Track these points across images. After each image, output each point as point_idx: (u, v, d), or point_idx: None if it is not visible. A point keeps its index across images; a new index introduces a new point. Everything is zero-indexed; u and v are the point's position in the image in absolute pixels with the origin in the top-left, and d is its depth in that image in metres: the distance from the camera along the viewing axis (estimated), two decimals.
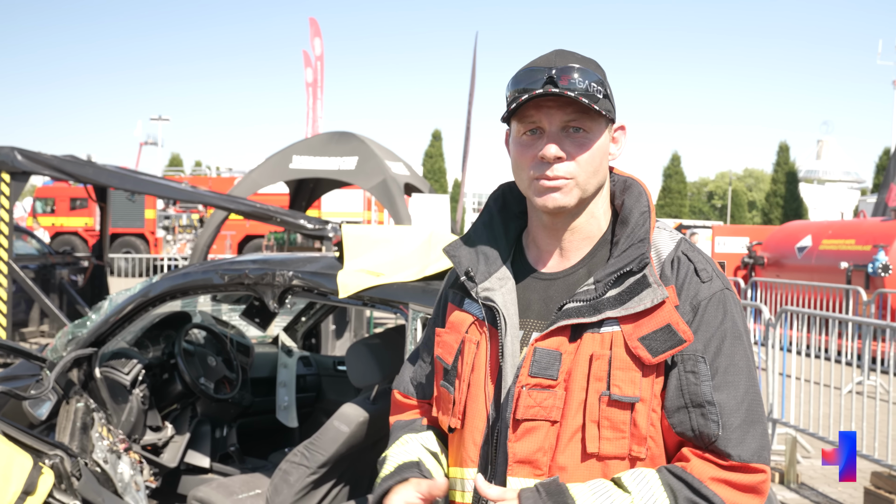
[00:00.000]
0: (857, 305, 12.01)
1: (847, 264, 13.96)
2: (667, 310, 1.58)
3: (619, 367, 1.57)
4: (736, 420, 1.55)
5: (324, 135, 14.64)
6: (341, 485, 3.76)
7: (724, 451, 1.54)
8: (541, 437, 1.61)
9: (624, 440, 1.57)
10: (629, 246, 1.64)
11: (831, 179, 75.48)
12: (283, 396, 4.92)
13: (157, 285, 3.88)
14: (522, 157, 1.68)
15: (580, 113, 1.63)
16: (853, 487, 6.51)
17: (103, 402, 4.03)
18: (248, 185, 13.68)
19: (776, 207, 50.29)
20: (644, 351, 1.56)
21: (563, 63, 1.63)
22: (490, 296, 1.71)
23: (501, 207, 1.87)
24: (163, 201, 29.96)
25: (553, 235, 1.74)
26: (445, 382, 1.79)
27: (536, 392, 1.61)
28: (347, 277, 3.35)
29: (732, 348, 1.59)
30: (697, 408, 1.56)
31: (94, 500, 3.22)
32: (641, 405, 1.57)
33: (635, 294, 1.59)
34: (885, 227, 14.15)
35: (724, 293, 1.64)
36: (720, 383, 1.57)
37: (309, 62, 24.52)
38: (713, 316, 1.60)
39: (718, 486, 1.53)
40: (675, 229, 1.78)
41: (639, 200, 1.72)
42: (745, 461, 1.54)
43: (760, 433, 1.57)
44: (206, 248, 13.63)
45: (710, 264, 1.67)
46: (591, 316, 1.59)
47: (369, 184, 13.39)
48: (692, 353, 1.58)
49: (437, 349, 1.83)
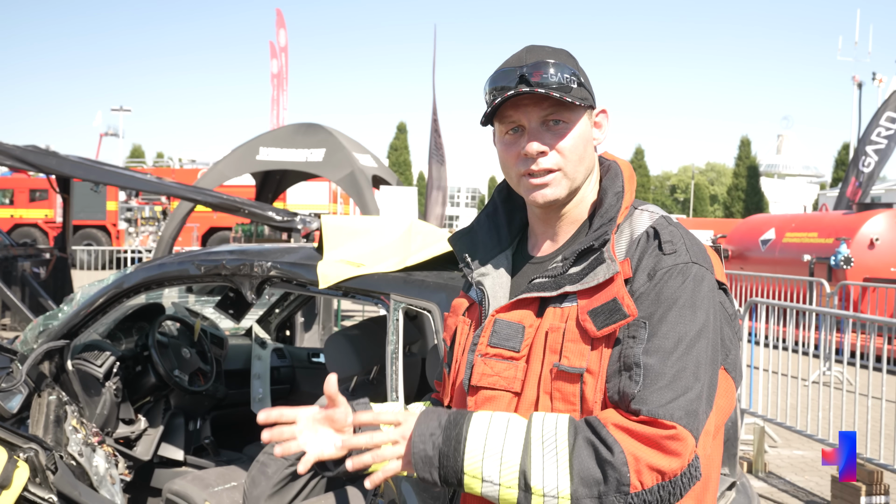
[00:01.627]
0: (821, 297, 12.18)
1: (810, 257, 14.16)
2: (616, 285, 1.58)
3: (569, 339, 1.59)
4: (658, 383, 1.50)
5: (291, 126, 14.54)
6: (319, 476, 3.74)
7: (634, 408, 1.49)
8: (501, 406, 1.65)
9: (575, 412, 1.58)
10: (600, 225, 1.67)
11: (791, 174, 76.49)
12: (258, 388, 4.89)
13: (131, 276, 3.83)
14: (507, 156, 1.73)
15: (556, 106, 1.67)
16: (820, 476, 6.61)
17: (75, 394, 3.97)
18: (215, 177, 13.56)
19: (738, 201, 50.89)
20: (590, 324, 1.57)
21: (534, 59, 1.67)
22: (482, 280, 1.78)
23: (506, 198, 1.92)
24: (125, 193, 29.59)
25: (546, 223, 1.79)
26: (446, 364, 1.90)
27: (495, 361, 1.66)
28: (328, 268, 3.32)
29: (679, 315, 1.55)
30: (627, 370, 1.53)
31: (70, 493, 3.17)
32: (590, 377, 1.57)
33: (592, 269, 1.62)
34: (847, 220, 14.36)
35: (689, 266, 1.60)
36: (654, 347, 1.52)
37: (275, 53, 24.33)
38: (667, 285, 1.57)
39: (618, 432, 1.47)
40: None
41: (614, 182, 1.75)
42: (652, 415, 1.47)
43: (686, 400, 1.49)
44: (172, 240, 13.49)
45: (682, 240, 1.64)
46: (552, 290, 1.64)
47: (337, 176, 13.33)
48: (638, 318, 1.56)
49: (444, 333, 1.92)
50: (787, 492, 6.28)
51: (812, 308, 8.32)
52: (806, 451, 7.27)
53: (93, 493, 3.36)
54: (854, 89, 36.72)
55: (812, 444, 7.31)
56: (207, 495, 3.79)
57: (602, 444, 1.46)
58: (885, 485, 5.59)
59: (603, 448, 1.46)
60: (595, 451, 1.46)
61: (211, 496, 3.79)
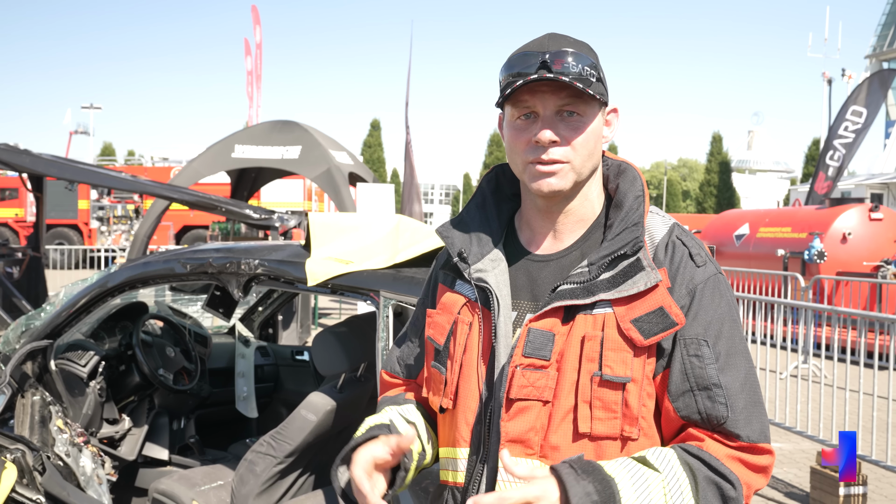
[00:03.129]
0: (796, 292, 12.31)
1: (784, 251, 14.31)
2: (660, 293, 1.59)
3: (610, 348, 1.58)
4: (741, 402, 1.58)
5: (266, 124, 14.47)
6: (307, 474, 3.74)
7: (733, 432, 1.57)
8: (533, 416, 1.62)
9: (616, 420, 1.58)
10: (623, 229, 1.65)
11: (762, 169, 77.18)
12: (242, 387, 4.87)
13: (116, 275, 3.80)
14: (517, 141, 1.68)
15: (574, 97, 1.64)
16: (798, 467, 6.69)
17: (59, 395, 3.94)
18: (190, 175, 13.48)
19: (710, 197, 51.27)
20: (636, 333, 1.58)
21: (557, 47, 1.64)
22: (483, 276, 1.71)
23: (495, 189, 1.88)
24: (97, 191, 29.31)
25: (547, 218, 1.75)
26: (437, 363, 1.79)
27: (529, 372, 1.62)
28: (316, 265, 3.32)
29: (732, 332, 1.62)
30: (704, 391, 1.58)
31: (58, 494, 3.15)
32: (633, 385, 1.58)
33: (629, 277, 1.60)
34: (820, 215, 14.52)
35: (717, 277, 1.66)
36: (724, 366, 1.59)
37: (249, 50, 24.18)
38: (710, 300, 1.62)
39: (734, 465, 1.56)
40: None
41: (633, 184, 1.73)
42: (753, 441, 1.57)
43: (763, 415, 1.61)
44: (147, 239, 13.40)
45: (703, 249, 1.69)
46: (585, 298, 1.60)
47: (313, 173, 13.29)
48: (694, 336, 1.60)
49: (429, 330, 1.83)
50: (767, 484, 6.33)
51: (791, 302, 8.41)
52: (784, 444, 7.35)
53: (81, 493, 3.35)
54: (824, 85, 37.14)
55: (790, 437, 7.39)
56: (195, 494, 3.77)
57: (725, 482, 1.55)
58: (863, 475, 5.66)
59: (726, 485, 1.55)
60: (720, 490, 1.55)
61: (198, 495, 3.77)
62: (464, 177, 63.01)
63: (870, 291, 12.44)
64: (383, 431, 1.72)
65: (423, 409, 1.90)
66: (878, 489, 6.11)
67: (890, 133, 43.63)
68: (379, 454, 1.66)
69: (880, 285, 12.34)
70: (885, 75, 21.11)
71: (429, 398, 1.83)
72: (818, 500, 5.79)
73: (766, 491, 6.16)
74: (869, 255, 13.70)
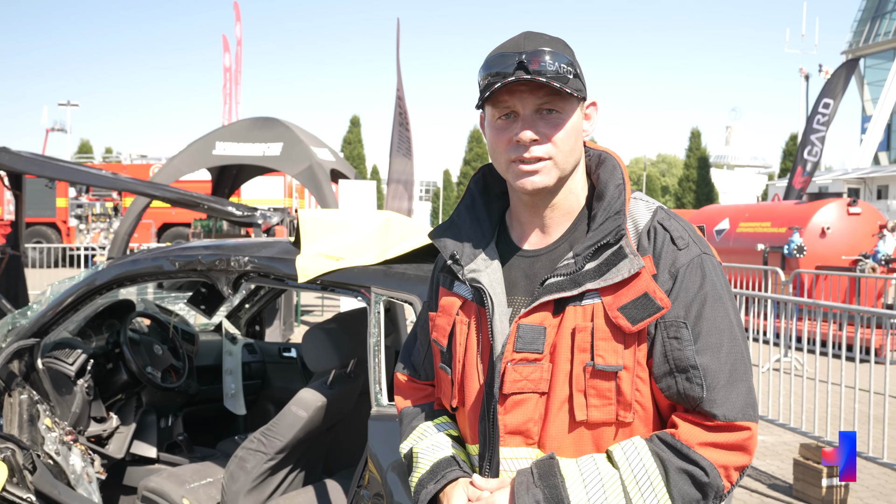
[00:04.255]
0: (776, 286, 12.41)
1: (764, 246, 14.41)
2: (644, 279, 1.63)
3: (601, 338, 1.62)
4: (720, 381, 1.60)
5: (247, 120, 14.40)
6: (297, 470, 3.74)
7: (709, 411, 1.59)
8: (530, 408, 1.67)
9: (610, 406, 1.63)
10: (606, 219, 1.69)
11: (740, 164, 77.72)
12: (230, 384, 4.86)
13: (104, 273, 3.79)
14: (498, 141, 1.72)
15: (552, 95, 1.67)
16: (781, 459, 6.76)
17: (46, 393, 3.92)
18: (171, 172, 13.39)
19: (689, 192, 51.52)
20: (624, 320, 1.61)
21: (533, 47, 1.67)
22: (476, 277, 1.75)
23: (483, 189, 1.91)
24: (75, 189, 29.07)
25: (534, 213, 1.78)
26: (443, 364, 1.84)
27: (522, 366, 1.66)
28: (306, 262, 3.32)
29: (713, 311, 1.64)
30: (682, 372, 1.61)
31: (49, 492, 3.14)
32: (625, 373, 1.62)
33: (613, 265, 1.63)
34: (799, 209, 14.64)
35: (701, 258, 1.68)
36: (702, 347, 1.62)
37: (227, 47, 24.05)
38: (692, 281, 1.65)
39: (707, 450, 1.58)
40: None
41: (613, 174, 1.77)
42: (730, 420, 1.59)
43: (745, 391, 1.62)
44: (128, 237, 13.31)
45: (686, 231, 1.72)
46: (572, 289, 1.64)
47: (295, 170, 13.24)
48: (674, 319, 1.63)
49: (433, 333, 1.87)
50: (750, 475, 6.39)
51: (771, 296, 8.48)
52: (766, 437, 7.42)
53: (71, 492, 3.34)
54: (801, 81, 37.44)
55: (772, 429, 7.46)
56: (185, 492, 3.77)
57: (697, 468, 1.57)
58: None
59: (699, 472, 1.57)
60: (692, 478, 1.58)
61: (188, 493, 3.77)
62: (444, 173, 62.94)
63: (849, 285, 12.56)
64: (454, 471, 1.79)
65: (447, 413, 1.95)
66: (860, 480, 6.18)
67: (866, 128, 44.05)
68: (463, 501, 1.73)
69: (858, 279, 12.47)
70: (851, 65, 21.38)
71: (441, 399, 1.89)
72: (801, 492, 5.85)
73: (750, 483, 6.22)
74: (847, 250, 13.83)
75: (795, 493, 5.91)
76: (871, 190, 30.53)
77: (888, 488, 6.08)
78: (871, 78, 47.28)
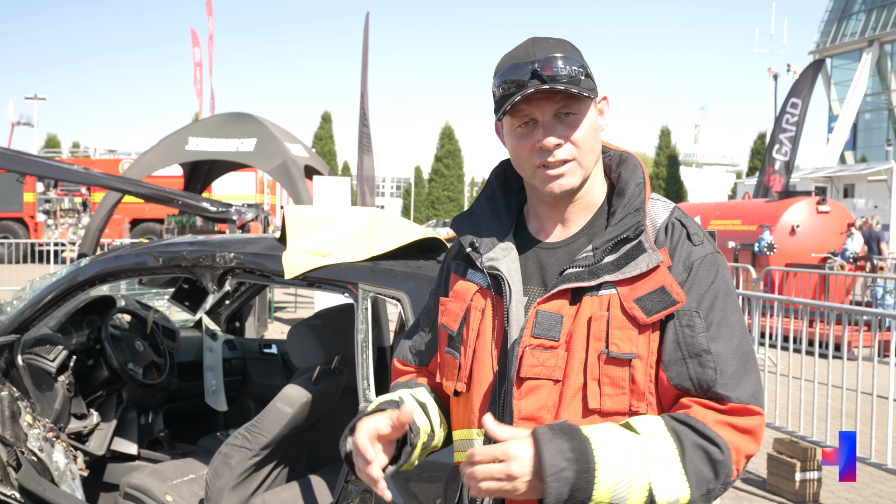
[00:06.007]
0: (747, 283, 12.55)
1: (735, 244, 14.58)
2: (661, 273, 1.67)
3: (616, 327, 1.65)
4: (731, 367, 1.64)
5: (220, 116, 14.34)
6: (281, 466, 3.75)
7: (722, 394, 1.62)
8: (544, 395, 1.69)
9: (624, 396, 1.65)
10: (626, 215, 1.73)
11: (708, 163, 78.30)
12: (211, 380, 4.84)
13: (86, 269, 3.76)
14: (521, 148, 1.76)
15: (568, 99, 1.72)
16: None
17: (26, 390, 3.89)
18: (143, 167, 13.31)
19: (658, 190, 51.82)
20: (639, 311, 1.65)
21: (544, 54, 1.71)
22: (495, 265, 1.79)
23: (503, 182, 1.95)
24: (43, 184, 28.71)
25: (555, 209, 1.82)
26: (450, 349, 1.86)
27: (539, 352, 1.69)
28: (293, 258, 3.32)
29: (725, 304, 1.69)
30: (695, 357, 1.64)
31: (34, 489, 3.12)
32: (639, 362, 1.65)
33: (631, 259, 1.68)
34: (769, 207, 14.82)
35: (714, 256, 1.74)
36: (715, 335, 1.66)
37: (197, 41, 23.82)
38: (705, 275, 1.70)
39: (722, 429, 1.60)
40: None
41: (634, 173, 1.82)
42: (743, 402, 1.62)
43: (755, 381, 1.66)
44: (99, 232, 13.22)
45: (701, 230, 1.78)
46: (590, 280, 1.68)
47: (269, 166, 13.22)
48: (686, 309, 1.67)
49: (442, 318, 1.89)
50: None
51: (742, 293, 8.58)
52: None
53: (55, 488, 3.32)
54: (769, 80, 37.81)
55: None
56: (167, 488, 3.75)
57: (712, 445, 1.58)
58: (818, 460, 5.82)
59: (713, 449, 1.58)
60: (707, 454, 1.58)
61: (171, 489, 3.76)
62: (415, 169, 62.89)
63: (818, 282, 12.74)
64: (391, 406, 1.77)
65: (435, 394, 1.96)
66: (832, 474, 6.28)
67: (833, 127, 44.60)
68: (381, 425, 1.71)
69: (827, 276, 12.65)
70: (817, 65, 21.64)
71: (443, 383, 1.89)
72: (775, 486, 5.94)
73: None
74: (816, 247, 14.03)
75: (769, 487, 6.00)
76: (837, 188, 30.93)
77: (859, 482, 6.18)
78: (838, 78, 47.92)
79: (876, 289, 13.51)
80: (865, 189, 29.29)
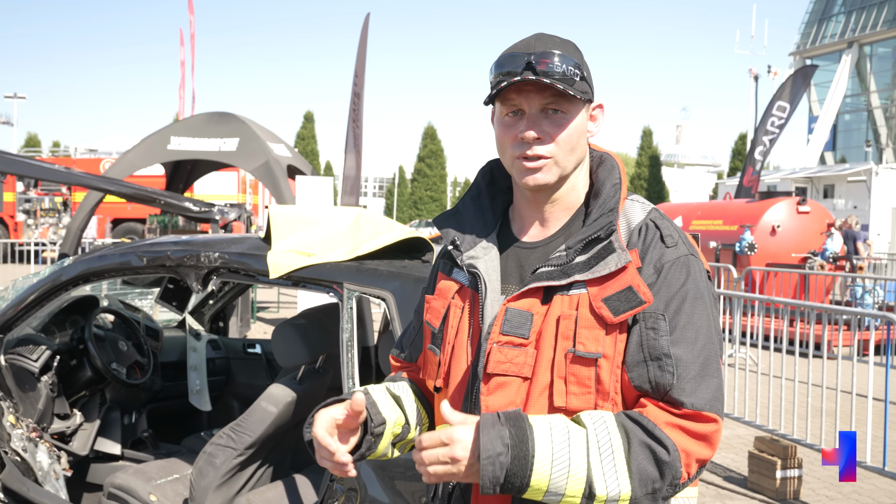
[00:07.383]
0: (728, 282, 12.63)
1: (716, 244, 14.66)
2: (629, 273, 1.68)
3: (583, 326, 1.67)
4: (691, 372, 1.64)
5: (203, 115, 14.27)
6: (266, 465, 3.75)
7: (677, 399, 1.62)
8: (512, 391, 1.71)
9: (589, 395, 1.67)
10: (600, 215, 1.75)
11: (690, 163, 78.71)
12: (195, 380, 4.84)
13: (69, 269, 3.76)
14: (505, 137, 1.78)
15: (558, 96, 1.73)
16: (735, 452, 6.90)
17: (9, 390, 3.88)
18: (125, 167, 13.23)
19: (640, 190, 51.90)
20: (607, 311, 1.66)
21: (543, 48, 1.73)
22: (474, 263, 1.81)
23: (489, 182, 1.97)
24: (23, 183, 28.48)
25: (535, 207, 1.84)
26: (432, 346, 1.89)
27: (507, 349, 1.71)
28: (278, 258, 3.33)
29: (692, 308, 1.68)
30: (655, 360, 1.65)
31: (18, 489, 3.12)
32: (605, 361, 1.66)
33: (601, 259, 1.69)
34: (750, 208, 14.92)
35: (688, 258, 1.73)
36: (678, 338, 1.66)
37: (184, 41, 23.77)
38: (675, 277, 1.70)
39: (672, 431, 1.60)
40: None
41: (611, 174, 1.83)
42: (697, 409, 1.62)
43: (714, 387, 1.65)
44: (80, 232, 13.13)
45: (677, 232, 1.78)
46: (561, 279, 1.70)
47: (252, 165, 13.17)
48: (653, 311, 1.67)
49: (426, 315, 1.93)
50: (706, 468, 6.52)
51: (724, 293, 8.64)
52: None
53: (39, 488, 3.31)
54: (750, 81, 38.10)
55: (727, 423, 7.60)
56: (151, 488, 3.75)
57: (659, 446, 1.58)
58: (798, 458, 5.88)
59: (660, 449, 1.58)
60: (653, 454, 1.58)
61: (155, 489, 3.75)
62: (398, 169, 62.79)
63: (798, 281, 12.84)
64: (350, 393, 1.80)
65: (418, 389, 1.98)
66: (812, 472, 6.35)
67: (813, 128, 44.94)
68: (339, 415, 1.73)
69: (807, 276, 12.75)
70: (807, 71, 21.77)
71: (425, 379, 1.93)
72: (756, 484, 5.99)
73: (706, 475, 6.34)
74: (797, 247, 14.13)
75: (750, 485, 6.05)
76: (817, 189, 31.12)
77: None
78: (818, 79, 48.23)
79: (855, 288, 13.64)
80: (845, 189, 29.48)
